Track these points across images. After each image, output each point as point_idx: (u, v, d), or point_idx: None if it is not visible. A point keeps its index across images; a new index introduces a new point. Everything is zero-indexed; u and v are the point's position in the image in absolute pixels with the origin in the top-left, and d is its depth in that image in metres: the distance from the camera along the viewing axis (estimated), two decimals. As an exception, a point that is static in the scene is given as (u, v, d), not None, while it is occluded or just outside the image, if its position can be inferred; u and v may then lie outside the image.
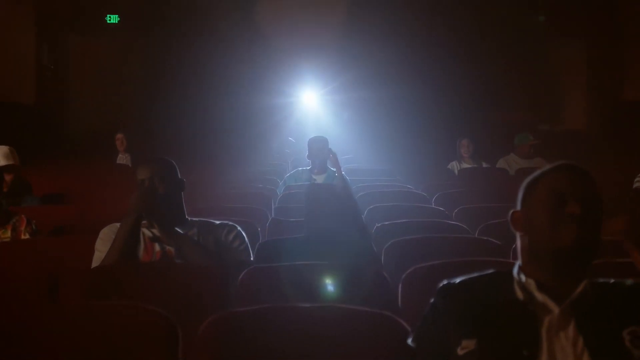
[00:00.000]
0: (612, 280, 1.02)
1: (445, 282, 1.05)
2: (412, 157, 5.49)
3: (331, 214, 2.61)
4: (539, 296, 0.99)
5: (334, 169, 3.80)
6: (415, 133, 6.63)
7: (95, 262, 1.70)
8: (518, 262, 1.06)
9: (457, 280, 1.05)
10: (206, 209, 2.69)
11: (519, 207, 1.06)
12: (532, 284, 1.00)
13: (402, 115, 7.05)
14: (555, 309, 0.98)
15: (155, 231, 1.73)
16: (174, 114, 6.87)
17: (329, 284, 1.47)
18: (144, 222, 1.72)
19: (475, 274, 1.05)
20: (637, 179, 3.24)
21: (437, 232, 2.21)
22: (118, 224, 1.72)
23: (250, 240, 1.82)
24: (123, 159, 5.25)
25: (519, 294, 1.01)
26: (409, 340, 1.04)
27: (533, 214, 1.02)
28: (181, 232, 1.72)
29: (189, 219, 1.80)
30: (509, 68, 7.04)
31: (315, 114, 7.40)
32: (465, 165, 4.77)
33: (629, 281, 1.01)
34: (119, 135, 5.27)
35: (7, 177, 3.06)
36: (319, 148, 3.62)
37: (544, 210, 1.00)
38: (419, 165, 5.04)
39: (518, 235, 1.07)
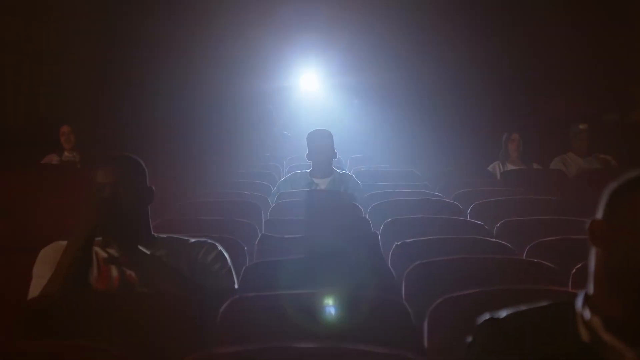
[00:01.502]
0: None
1: (487, 316, 1.04)
2: (442, 156, 5.49)
3: (337, 228, 2.63)
4: (608, 338, 0.97)
5: (341, 171, 3.84)
6: (446, 127, 6.59)
7: (34, 291, 1.70)
8: (584, 292, 1.04)
9: (503, 314, 1.04)
10: (178, 223, 2.72)
11: (600, 216, 1.03)
12: (598, 323, 0.98)
13: (430, 104, 7.02)
14: (632, 356, 0.96)
15: (113, 251, 1.73)
16: (135, 101, 6.86)
17: (333, 315, 1.48)
18: (97, 239, 1.72)
19: (525, 307, 1.04)
20: None
21: (474, 252, 2.22)
22: (63, 243, 1.72)
23: (235, 262, 1.83)
24: (70, 158, 5.26)
25: (583, 334, 0.99)
26: None
27: (624, 228, 0.99)
28: (146, 252, 1.72)
29: (156, 235, 1.81)
30: (567, 49, 7.01)
31: (316, 101, 7.44)
32: (510, 167, 4.79)
33: None
34: (64, 129, 5.25)
35: None
36: (322, 145, 3.63)
37: None
38: (451, 167, 5.06)
39: (593, 252, 1.04)
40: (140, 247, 1.73)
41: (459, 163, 5.21)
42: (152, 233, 1.80)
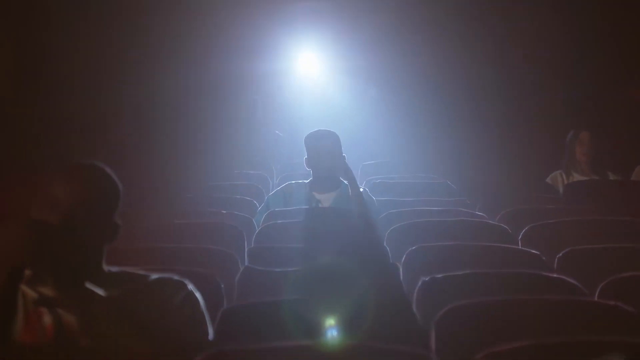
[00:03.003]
0: None
1: None
2: (485, 164, 5.51)
3: (346, 259, 2.64)
4: None
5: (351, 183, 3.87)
6: (492, 125, 6.62)
7: None
8: None
9: None
10: (135, 253, 2.70)
11: None
12: None
13: (469, 97, 7.02)
14: None
15: (47, 289, 1.70)
16: (71, 82, 6.89)
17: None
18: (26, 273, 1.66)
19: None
20: None
21: (528, 291, 2.23)
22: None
23: (209, 304, 1.83)
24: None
25: None
26: None
27: None
28: (94, 290, 1.69)
29: (107, 269, 1.81)
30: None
31: (319, 91, 7.51)
32: (577, 177, 4.76)
33: None
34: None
35: None
36: (325, 149, 3.67)
37: None
38: (497, 178, 5.07)
39: None
40: (87, 284, 1.69)
41: (508, 173, 5.23)
42: (103, 266, 1.78)
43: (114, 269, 1.83)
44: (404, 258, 2.80)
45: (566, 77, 7.04)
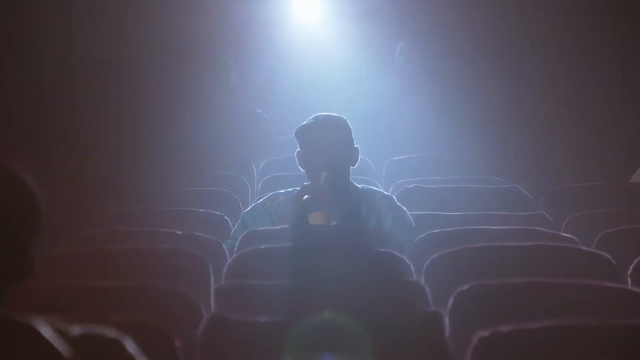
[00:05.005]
0: None
1: None
2: (578, 169, 5.57)
3: (360, 304, 2.62)
4: None
5: (368, 190, 3.87)
6: (586, 107, 6.69)
7: None
8: None
9: None
10: (47, 292, 2.74)
11: None
12: None
13: (555, 67, 7.05)
14: None
15: None
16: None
17: None
18: None
19: None
20: None
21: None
22: None
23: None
24: None
25: None
26: None
27: None
28: None
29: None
30: None
31: (321, 48, 7.51)
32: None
33: None
34: None
35: None
36: (328, 142, 3.75)
37: None
38: (593, 182, 5.08)
39: None
40: None
41: (612, 174, 5.30)
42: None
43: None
44: (451, 303, 2.80)
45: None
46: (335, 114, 3.87)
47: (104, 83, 6.93)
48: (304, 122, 3.83)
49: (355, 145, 3.79)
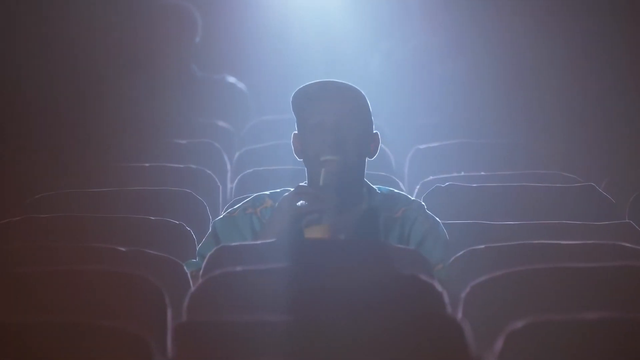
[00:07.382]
0: None
1: None
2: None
3: (378, 340, 2.67)
4: None
5: (389, 192, 3.94)
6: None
7: None
8: None
9: None
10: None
11: None
12: None
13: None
14: None
15: None
16: None
17: None
18: None
19: None
20: None
21: None
22: None
23: None
24: None
25: None
26: None
27: None
28: None
29: None
30: None
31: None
32: None
33: None
34: None
35: None
36: (336, 120, 3.84)
37: None
38: None
39: None
40: None
41: None
42: None
43: None
44: (500, 346, 2.81)
45: None
46: (345, 82, 3.87)
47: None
48: (305, 85, 3.88)
49: (375, 131, 3.79)
